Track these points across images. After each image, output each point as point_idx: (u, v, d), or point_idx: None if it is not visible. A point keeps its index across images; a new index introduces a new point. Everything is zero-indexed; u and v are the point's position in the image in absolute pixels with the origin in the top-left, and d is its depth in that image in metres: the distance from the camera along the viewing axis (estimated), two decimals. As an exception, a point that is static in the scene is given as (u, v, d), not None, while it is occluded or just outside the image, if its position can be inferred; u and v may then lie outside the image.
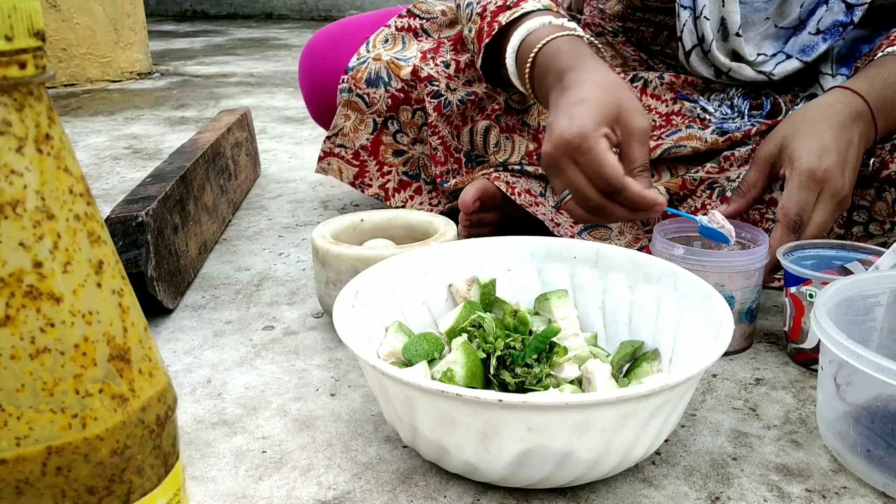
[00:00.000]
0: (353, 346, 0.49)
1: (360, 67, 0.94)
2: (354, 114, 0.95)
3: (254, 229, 1.03)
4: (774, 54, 0.87)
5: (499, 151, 0.94)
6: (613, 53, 1.01)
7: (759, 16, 0.87)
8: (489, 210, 0.91)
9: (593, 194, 0.63)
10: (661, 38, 0.95)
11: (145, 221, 0.74)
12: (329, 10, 4.40)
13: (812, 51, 0.85)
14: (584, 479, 0.48)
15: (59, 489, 0.25)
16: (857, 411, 0.51)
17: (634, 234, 0.89)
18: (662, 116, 0.94)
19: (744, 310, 0.66)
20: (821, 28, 0.85)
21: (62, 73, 2.28)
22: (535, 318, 0.62)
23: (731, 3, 0.84)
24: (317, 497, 0.50)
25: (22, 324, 0.24)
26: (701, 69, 0.90)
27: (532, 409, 0.43)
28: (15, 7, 0.24)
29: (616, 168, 0.61)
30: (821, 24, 0.84)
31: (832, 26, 0.84)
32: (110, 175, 1.31)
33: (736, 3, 0.84)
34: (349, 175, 0.99)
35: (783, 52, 0.87)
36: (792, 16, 0.86)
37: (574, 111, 0.63)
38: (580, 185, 0.63)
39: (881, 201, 0.79)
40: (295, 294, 0.82)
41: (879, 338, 0.59)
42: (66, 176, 0.26)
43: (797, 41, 0.86)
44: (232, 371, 0.66)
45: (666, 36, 0.95)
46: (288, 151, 1.46)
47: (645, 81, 0.95)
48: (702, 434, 0.56)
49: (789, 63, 0.86)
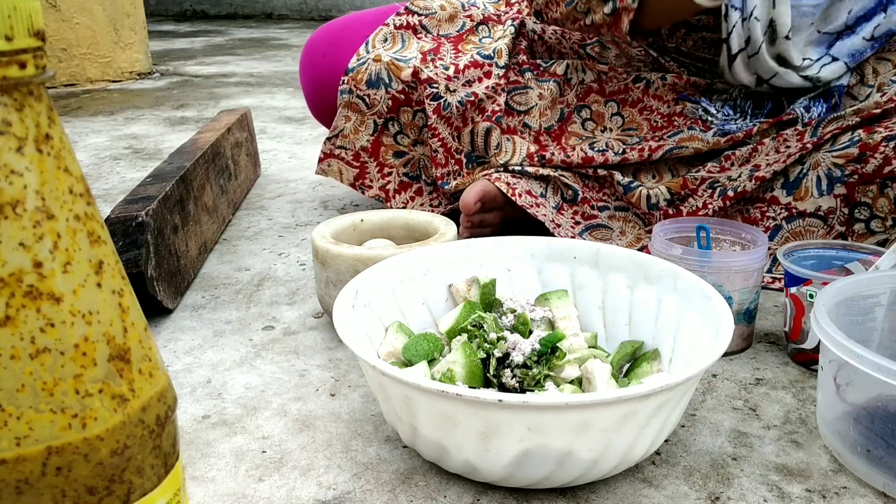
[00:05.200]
0: (353, 346, 0.49)
1: (361, 68, 0.94)
2: (355, 115, 0.95)
3: (254, 229, 1.03)
4: (818, 58, 0.86)
5: (500, 153, 0.94)
6: (618, 52, 1.00)
7: (805, 21, 0.85)
8: (490, 211, 0.91)
9: None
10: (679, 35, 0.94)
11: (145, 221, 0.74)
12: (329, 10, 4.40)
13: (861, 56, 0.85)
14: (584, 479, 0.48)
15: (59, 489, 0.25)
16: (857, 411, 0.51)
17: (636, 235, 0.89)
18: (664, 117, 0.94)
19: (742, 310, 0.66)
20: (875, 35, 0.84)
21: (62, 73, 2.28)
22: (535, 311, 0.62)
23: (783, 6, 0.81)
24: (317, 497, 0.50)
25: (22, 324, 0.24)
26: (742, 76, 0.88)
27: (532, 409, 0.43)
28: (15, 7, 0.24)
29: None
30: (876, 31, 0.84)
31: (886, 34, 0.84)
32: (110, 175, 1.31)
33: (788, 4, 0.82)
34: (349, 176, 0.99)
35: (828, 54, 0.86)
36: (838, 21, 0.85)
37: None
38: None
39: (883, 197, 0.79)
40: (295, 294, 0.82)
41: (879, 338, 0.59)
42: (66, 176, 0.26)
43: (845, 45, 0.85)
44: (232, 371, 0.66)
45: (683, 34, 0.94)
46: (288, 151, 1.46)
47: (647, 82, 0.95)
48: (702, 434, 0.56)
49: (835, 66, 0.85)
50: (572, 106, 0.97)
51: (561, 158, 0.90)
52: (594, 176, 0.90)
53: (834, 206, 0.81)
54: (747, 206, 0.85)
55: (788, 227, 0.83)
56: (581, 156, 0.90)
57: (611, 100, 0.96)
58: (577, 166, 0.90)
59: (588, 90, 0.97)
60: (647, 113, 0.95)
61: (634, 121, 0.95)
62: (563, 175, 0.90)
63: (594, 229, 0.89)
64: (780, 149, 0.84)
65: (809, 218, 0.82)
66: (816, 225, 0.82)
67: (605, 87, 0.96)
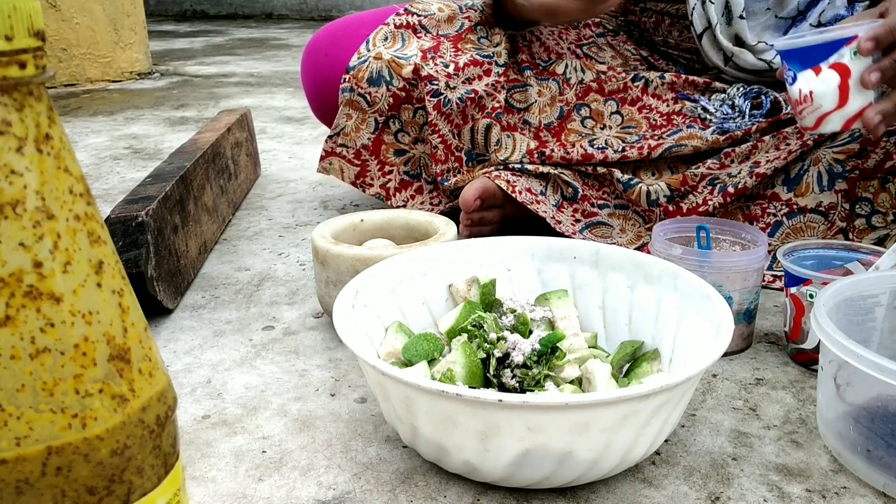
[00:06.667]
0: (353, 346, 0.49)
1: (362, 67, 0.94)
2: (356, 113, 0.96)
3: (254, 229, 1.03)
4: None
5: (500, 150, 0.94)
6: (614, 54, 1.01)
7: (760, 5, 0.89)
8: (490, 209, 0.91)
9: None
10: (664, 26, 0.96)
11: (145, 221, 0.74)
12: (329, 10, 4.40)
13: None
14: (584, 480, 0.48)
15: (59, 489, 0.25)
16: (857, 411, 0.51)
17: (636, 232, 0.89)
18: (663, 116, 0.94)
19: (742, 310, 0.66)
20: (822, 21, 0.86)
21: (62, 73, 2.28)
22: (535, 311, 0.62)
23: None
24: (317, 497, 0.50)
25: (22, 324, 0.24)
26: (711, 54, 0.92)
27: (532, 409, 0.43)
28: (15, 7, 0.24)
29: None
30: (822, 16, 0.85)
31: (833, 20, 0.85)
32: (110, 175, 1.31)
33: None
34: (350, 175, 0.99)
35: None
36: (790, 6, 0.87)
37: None
38: None
39: (885, 192, 0.79)
40: (295, 294, 0.82)
41: (879, 338, 0.59)
42: (66, 176, 0.26)
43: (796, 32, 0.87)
44: (232, 371, 0.66)
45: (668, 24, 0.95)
46: (288, 151, 1.46)
47: (646, 81, 0.95)
48: (702, 434, 0.56)
49: None
50: (572, 104, 0.97)
51: (560, 155, 0.91)
52: (594, 174, 0.90)
53: (835, 202, 0.81)
54: (748, 202, 0.85)
55: (789, 224, 0.83)
56: (581, 152, 0.90)
57: (610, 98, 0.96)
58: (576, 163, 0.90)
59: (587, 89, 0.97)
60: (647, 111, 0.95)
61: (633, 119, 0.95)
62: (563, 173, 0.90)
63: (594, 227, 0.89)
64: (781, 146, 0.84)
65: (810, 214, 0.82)
66: (817, 221, 0.82)
67: (604, 87, 0.96)
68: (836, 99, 0.64)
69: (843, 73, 0.63)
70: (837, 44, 0.62)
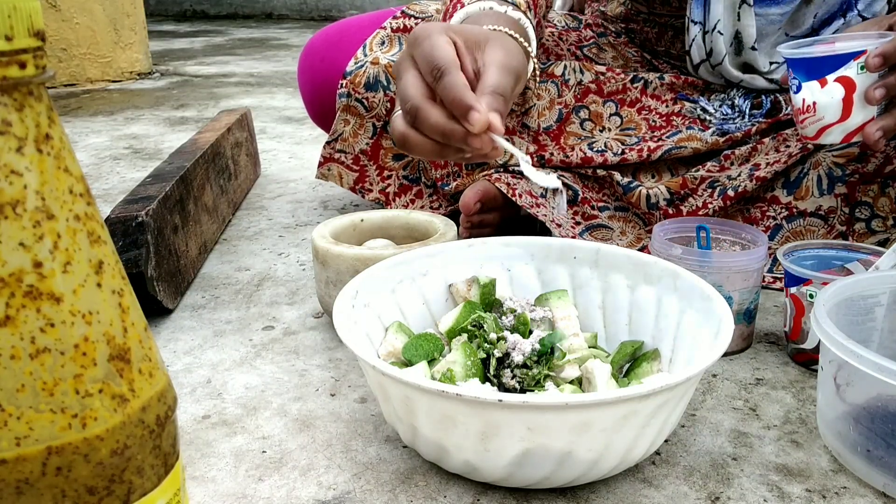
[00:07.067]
0: (353, 346, 0.49)
1: (359, 72, 0.94)
2: (354, 118, 0.95)
3: (254, 229, 1.03)
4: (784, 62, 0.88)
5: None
6: (615, 54, 1.01)
7: (773, 27, 0.88)
8: (490, 212, 0.91)
9: (414, 89, 0.55)
10: (666, 38, 0.95)
11: (145, 221, 0.74)
12: (329, 10, 4.40)
13: None
14: (584, 479, 0.48)
15: (59, 489, 0.25)
16: (857, 411, 0.51)
17: (636, 235, 0.89)
18: (663, 117, 0.94)
19: (742, 310, 0.66)
20: None
21: (62, 73, 2.28)
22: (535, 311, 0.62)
23: (748, 17, 0.84)
24: (317, 497, 0.50)
25: (22, 324, 0.24)
26: (710, 78, 0.91)
27: (532, 409, 0.43)
28: (15, 7, 0.24)
29: (446, 51, 0.54)
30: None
31: None
32: (110, 175, 1.31)
33: (752, 17, 0.84)
34: (349, 180, 0.99)
35: None
36: (805, 25, 0.86)
37: (430, 23, 0.58)
38: (408, 80, 0.56)
39: (884, 197, 0.79)
40: (295, 294, 0.82)
41: (879, 338, 0.59)
42: (66, 176, 0.26)
43: None
44: (232, 371, 0.66)
45: (671, 36, 0.95)
46: (288, 151, 1.46)
47: (645, 82, 0.95)
48: (702, 434, 0.56)
49: None
50: (570, 106, 0.97)
51: (560, 158, 0.90)
52: (594, 176, 0.90)
53: (835, 206, 0.81)
54: (747, 205, 0.85)
55: (789, 227, 0.83)
56: (580, 156, 0.90)
57: (609, 100, 0.96)
58: (576, 166, 0.90)
59: (586, 91, 0.97)
60: (646, 113, 0.95)
61: (633, 121, 0.95)
62: (563, 175, 0.90)
63: (594, 229, 0.89)
64: (780, 148, 0.84)
65: (810, 217, 0.82)
66: (817, 224, 0.82)
67: (603, 88, 0.96)
68: (839, 112, 0.64)
69: (848, 87, 0.63)
70: (845, 57, 0.62)
